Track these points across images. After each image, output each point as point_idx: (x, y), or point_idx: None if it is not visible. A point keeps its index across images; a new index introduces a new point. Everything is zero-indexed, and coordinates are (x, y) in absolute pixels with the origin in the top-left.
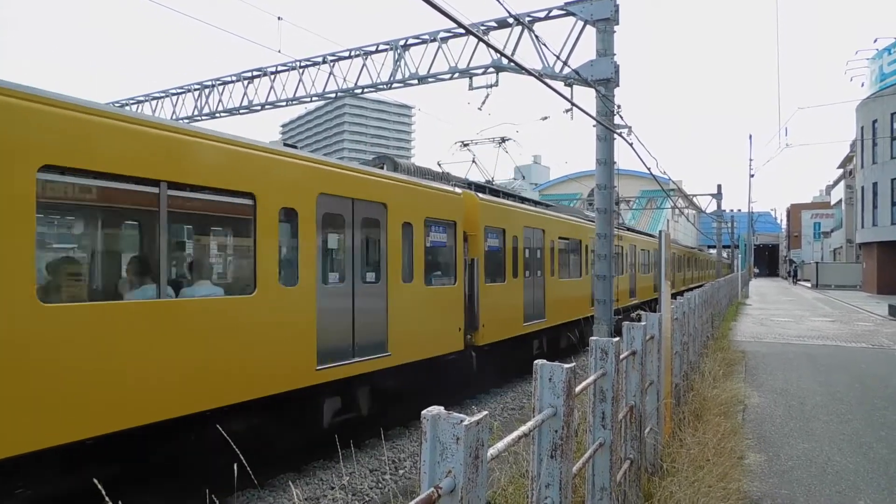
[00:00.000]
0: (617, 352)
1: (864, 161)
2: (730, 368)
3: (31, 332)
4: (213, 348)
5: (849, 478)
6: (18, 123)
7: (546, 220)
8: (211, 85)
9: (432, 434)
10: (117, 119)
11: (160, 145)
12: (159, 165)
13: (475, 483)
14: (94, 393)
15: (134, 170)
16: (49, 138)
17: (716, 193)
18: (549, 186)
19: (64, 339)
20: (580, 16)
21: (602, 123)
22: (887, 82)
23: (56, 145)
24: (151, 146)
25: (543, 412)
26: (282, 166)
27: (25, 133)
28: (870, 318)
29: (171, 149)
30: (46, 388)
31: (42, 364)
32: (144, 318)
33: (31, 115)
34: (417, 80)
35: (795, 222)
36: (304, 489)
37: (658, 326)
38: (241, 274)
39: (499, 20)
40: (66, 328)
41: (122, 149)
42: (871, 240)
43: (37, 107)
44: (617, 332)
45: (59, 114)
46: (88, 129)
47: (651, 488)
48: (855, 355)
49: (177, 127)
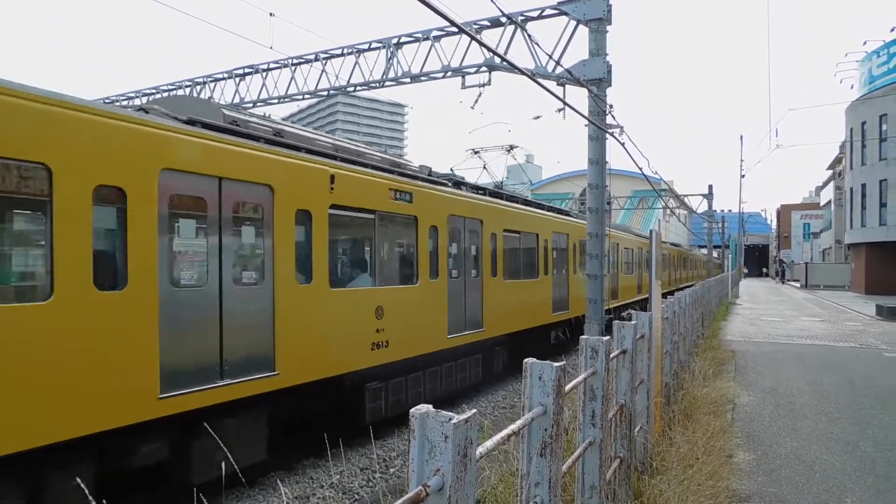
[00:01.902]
0: (607, 351)
1: (853, 163)
2: (719, 368)
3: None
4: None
5: (836, 476)
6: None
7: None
8: (202, 82)
9: (421, 432)
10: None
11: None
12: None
13: (464, 482)
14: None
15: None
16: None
17: (707, 194)
18: (541, 186)
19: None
20: (573, 15)
21: (594, 123)
22: (876, 84)
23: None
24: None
25: (533, 410)
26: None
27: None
28: (858, 318)
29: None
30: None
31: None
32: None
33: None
34: (410, 79)
35: (785, 223)
36: (293, 487)
37: (649, 326)
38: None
39: (492, 19)
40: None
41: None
42: (860, 240)
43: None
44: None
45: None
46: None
47: (641, 487)
48: (843, 355)
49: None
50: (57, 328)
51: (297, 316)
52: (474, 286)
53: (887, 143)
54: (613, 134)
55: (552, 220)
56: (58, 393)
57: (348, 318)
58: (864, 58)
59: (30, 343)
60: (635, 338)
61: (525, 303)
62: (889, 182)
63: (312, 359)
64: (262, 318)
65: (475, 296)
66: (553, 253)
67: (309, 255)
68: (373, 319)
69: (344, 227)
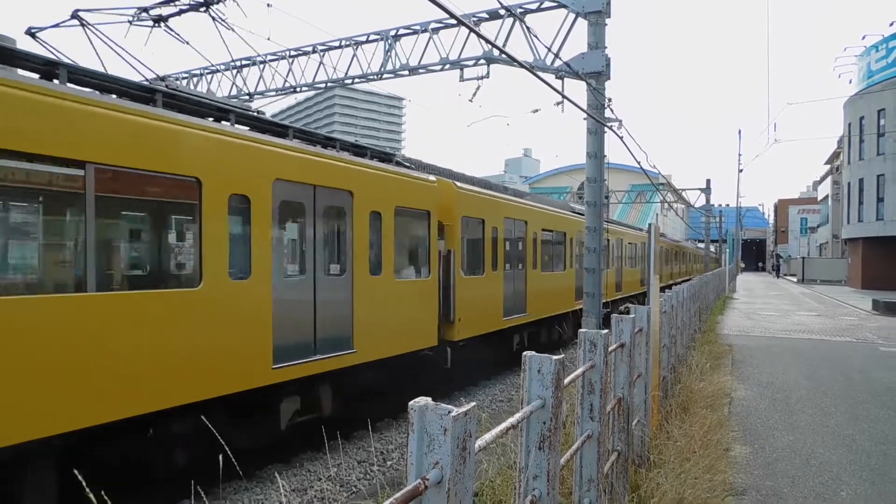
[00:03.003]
0: (606, 344)
1: (850, 157)
2: (717, 362)
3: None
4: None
5: (832, 469)
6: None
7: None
8: (199, 73)
9: (419, 425)
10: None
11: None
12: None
13: (462, 475)
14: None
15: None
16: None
17: (705, 188)
18: (540, 180)
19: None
20: (572, 8)
21: (593, 116)
22: (875, 79)
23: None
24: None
25: (532, 404)
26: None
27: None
28: (854, 313)
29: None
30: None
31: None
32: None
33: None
34: (408, 71)
35: (783, 217)
36: (290, 480)
37: (647, 319)
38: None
39: (490, 11)
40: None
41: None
42: (857, 235)
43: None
44: (604, 325)
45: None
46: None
47: (638, 480)
48: (839, 349)
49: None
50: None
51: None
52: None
53: (885, 138)
54: (612, 127)
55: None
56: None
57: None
58: (862, 52)
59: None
60: (633, 331)
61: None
62: (886, 177)
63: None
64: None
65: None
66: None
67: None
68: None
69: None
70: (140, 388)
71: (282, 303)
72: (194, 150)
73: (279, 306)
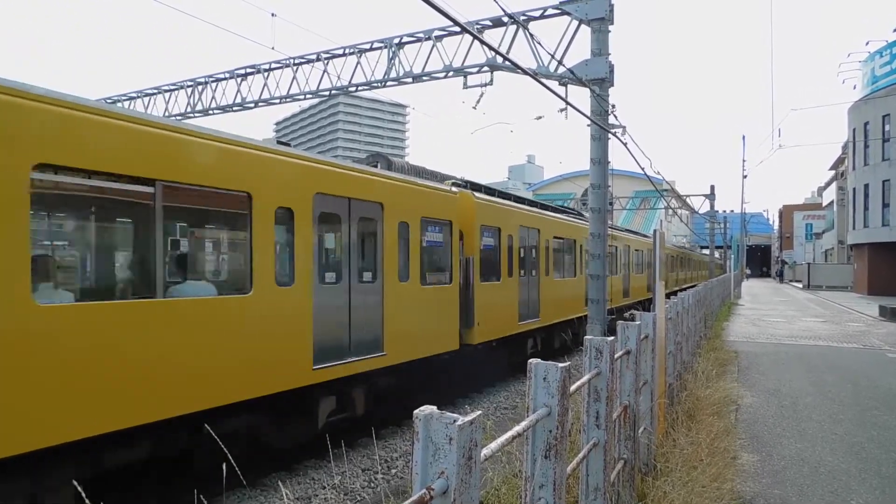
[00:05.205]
0: (611, 351)
1: (855, 163)
2: (723, 368)
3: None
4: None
5: (841, 478)
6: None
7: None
8: (204, 82)
9: (425, 434)
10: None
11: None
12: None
13: (468, 484)
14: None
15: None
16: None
17: (709, 194)
18: (543, 186)
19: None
20: (575, 15)
21: (596, 123)
22: (879, 85)
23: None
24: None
25: (537, 412)
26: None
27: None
28: (861, 319)
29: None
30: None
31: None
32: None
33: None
34: (412, 79)
35: (787, 223)
36: (294, 489)
37: (652, 326)
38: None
39: (494, 19)
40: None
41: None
42: (863, 241)
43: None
44: (610, 332)
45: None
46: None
47: (645, 488)
48: (846, 356)
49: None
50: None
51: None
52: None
53: (890, 144)
54: (616, 134)
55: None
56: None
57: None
58: (866, 58)
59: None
60: (639, 338)
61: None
62: (892, 182)
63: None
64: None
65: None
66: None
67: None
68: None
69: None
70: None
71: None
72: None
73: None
